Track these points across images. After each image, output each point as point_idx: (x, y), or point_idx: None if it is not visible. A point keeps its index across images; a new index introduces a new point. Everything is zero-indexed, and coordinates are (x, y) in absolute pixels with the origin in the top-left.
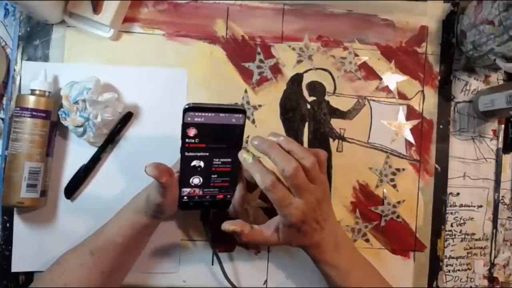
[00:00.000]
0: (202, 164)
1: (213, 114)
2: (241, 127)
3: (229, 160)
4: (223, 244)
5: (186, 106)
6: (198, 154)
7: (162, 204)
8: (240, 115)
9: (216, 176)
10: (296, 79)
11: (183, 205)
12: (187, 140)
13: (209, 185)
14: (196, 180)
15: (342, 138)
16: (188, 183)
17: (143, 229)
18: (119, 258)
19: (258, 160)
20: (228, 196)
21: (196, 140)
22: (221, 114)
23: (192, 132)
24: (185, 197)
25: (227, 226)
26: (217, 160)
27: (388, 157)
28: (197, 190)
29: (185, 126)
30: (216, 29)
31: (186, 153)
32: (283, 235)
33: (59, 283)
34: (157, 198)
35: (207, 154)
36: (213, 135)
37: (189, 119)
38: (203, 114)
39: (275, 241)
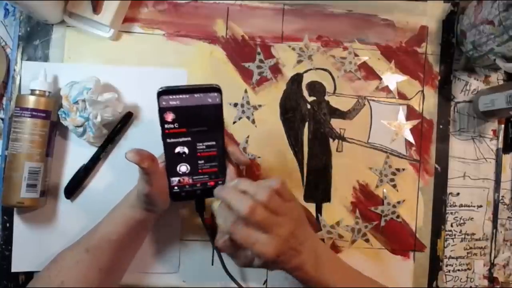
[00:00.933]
0: (186, 150)
1: (188, 96)
2: (219, 106)
3: (213, 143)
4: None
5: (160, 90)
6: (180, 140)
7: (150, 194)
8: (216, 94)
9: (203, 161)
10: (296, 79)
11: (174, 196)
12: (166, 126)
13: (197, 172)
14: (183, 167)
15: (342, 138)
16: (175, 172)
17: (138, 224)
18: (115, 255)
19: (222, 206)
20: (220, 182)
21: (176, 125)
22: (195, 95)
23: (169, 116)
24: (176, 187)
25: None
26: (200, 144)
27: (388, 157)
28: (186, 179)
29: (162, 111)
30: (216, 29)
31: (168, 140)
32: (259, 264)
33: (56, 281)
34: (144, 187)
35: (189, 139)
36: (192, 118)
37: (164, 103)
38: (177, 96)
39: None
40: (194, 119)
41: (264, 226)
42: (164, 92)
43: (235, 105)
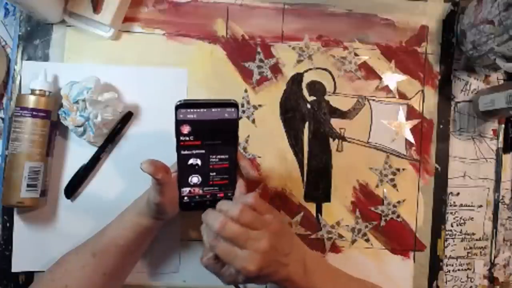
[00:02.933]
0: (199, 162)
1: (205, 110)
2: (235, 122)
3: (226, 156)
4: None
5: (178, 103)
6: (194, 152)
7: (161, 204)
8: (233, 109)
9: (214, 173)
10: (296, 79)
11: (184, 206)
12: (181, 138)
13: (208, 183)
14: (194, 179)
15: (342, 138)
16: (187, 183)
17: (145, 231)
18: (121, 260)
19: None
20: (229, 194)
21: (191, 137)
22: (213, 110)
23: (186, 129)
24: (186, 198)
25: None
26: (214, 157)
27: (388, 157)
28: (196, 189)
29: (179, 123)
30: (216, 29)
31: (182, 152)
32: (243, 280)
33: (60, 284)
34: (156, 197)
35: (203, 151)
36: (207, 131)
37: (181, 116)
38: (195, 110)
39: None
40: (210, 132)
41: (238, 241)
42: (182, 105)
43: None
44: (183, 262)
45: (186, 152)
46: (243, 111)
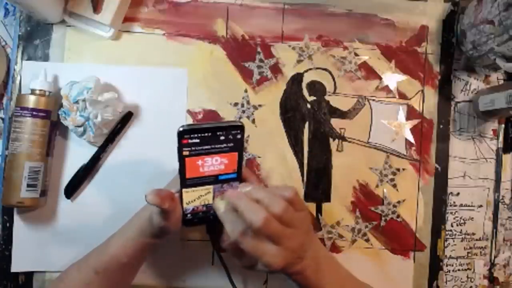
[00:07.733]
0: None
1: (209, 134)
2: (240, 143)
3: (231, 176)
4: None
5: (181, 129)
6: (198, 174)
7: (166, 226)
8: (238, 131)
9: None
10: (296, 79)
11: (187, 223)
12: (185, 161)
13: (212, 200)
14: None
15: (342, 138)
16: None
17: (148, 248)
18: (123, 276)
19: (230, 210)
20: None
21: (194, 160)
22: (218, 133)
23: (189, 153)
24: (189, 215)
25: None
26: (219, 176)
27: (388, 157)
28: (200, 207)
29: (181, 148)
30: (216, 29)
31: (186, 175)
32: (263, 270)
33: None
34: (161, 222)
35: (208, 172)
36: (212, 154)
37: (184, 141)
38: (199, 135)
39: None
40: (214, 155)
41: (276, 239)
42: (186, 132)
43: (235, 104)
44: (183, 262)
45: (190, 174)
46: (243, 111)
